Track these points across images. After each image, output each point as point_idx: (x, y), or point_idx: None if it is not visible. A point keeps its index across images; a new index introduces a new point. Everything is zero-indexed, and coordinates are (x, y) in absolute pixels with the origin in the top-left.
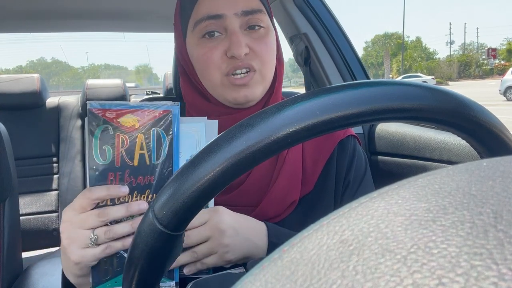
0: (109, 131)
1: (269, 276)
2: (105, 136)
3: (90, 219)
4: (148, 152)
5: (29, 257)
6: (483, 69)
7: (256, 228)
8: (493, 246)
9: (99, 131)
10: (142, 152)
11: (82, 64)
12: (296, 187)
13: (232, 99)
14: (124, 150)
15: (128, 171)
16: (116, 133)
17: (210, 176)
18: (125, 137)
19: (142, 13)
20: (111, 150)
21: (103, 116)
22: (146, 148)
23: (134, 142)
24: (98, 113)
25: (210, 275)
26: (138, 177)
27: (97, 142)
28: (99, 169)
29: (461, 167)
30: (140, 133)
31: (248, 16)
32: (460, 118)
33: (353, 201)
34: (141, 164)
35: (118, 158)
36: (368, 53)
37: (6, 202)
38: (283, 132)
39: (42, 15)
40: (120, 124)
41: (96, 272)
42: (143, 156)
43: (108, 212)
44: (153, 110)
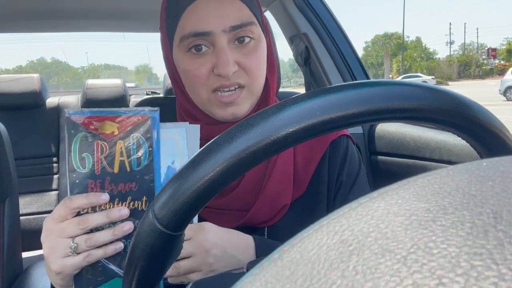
0: (88, 139)
1: (269, 276)
2: (84, 144)
3: (70, 228)
4: (128, 159)
5: (29, 257)
6: (483, 69)
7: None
8: (493, 246)
9: (78, 139)
10: (122, 159)
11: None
12: (287, 191)
13: (219, 116)
14: (103, 157)
15: (109, 179)
16: (95, 141)
17: (210, 176)
18: (105, 144)
19: (142, 13)
20: (91, 157)
21: (81, 123)
22: (126, 155)
23: (113, 149)
24: (76, 120)
25: (210, 275)
26: (119, 184)
27: (76, 150)
28: (79, 177)
29: (461, 167)
30: (120, 140)
31: (237, 30)
32: (460, 118)
33: (353, 201)
34: (122, 171)
35: (98, 165)
36: (368, 53)
37: (6, 202)
38: (283, 132)
39: (42, 15)
40: (99, 131)
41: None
42: (123, 163)
43: (87, 219)
44: (132, 116)
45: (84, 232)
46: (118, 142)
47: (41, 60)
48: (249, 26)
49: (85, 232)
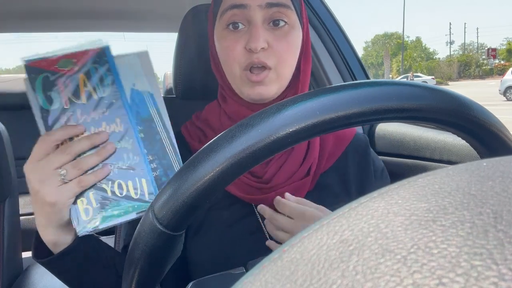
0: (49, 78)
1: (269, 276)
2: (47, 83)
3: (56, 158)
4: (92, 88)
5: (29, 257)
6: (483, 69)
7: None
8: (493, 246)
9: (40, 80)
10: (87, 89)
11: None
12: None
13: (247, 96)
14: (69, 91)
15: (80, 110)
16: (57, 78)
17: (210, 176)
18: (67, 80)
19: (142, 13)
20: (57, 94)
21: (39, 66)
22: (90, 85)
23: (77, 82)
24: (34, 65)
25: (210, 275)
26: (90, 113)
27: (40, 90)
28: (51, 116)
29: (461, 167)
30: (81, 73)
31: (273, 9)
32: (460, 118)
33: (353, 201)
34: (90, 100)
35: (66, 100)
36: (368, 53)
37: (6, 202)
38: (283, 132)
39: (42, 15)
40: (58, 69)
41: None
42: (89, 93)
43: (71, 145)
44: (86, 50)
45: (70, 159)
46: (80, 76)
47: None
48: (284, 9)
49: (71, 159)
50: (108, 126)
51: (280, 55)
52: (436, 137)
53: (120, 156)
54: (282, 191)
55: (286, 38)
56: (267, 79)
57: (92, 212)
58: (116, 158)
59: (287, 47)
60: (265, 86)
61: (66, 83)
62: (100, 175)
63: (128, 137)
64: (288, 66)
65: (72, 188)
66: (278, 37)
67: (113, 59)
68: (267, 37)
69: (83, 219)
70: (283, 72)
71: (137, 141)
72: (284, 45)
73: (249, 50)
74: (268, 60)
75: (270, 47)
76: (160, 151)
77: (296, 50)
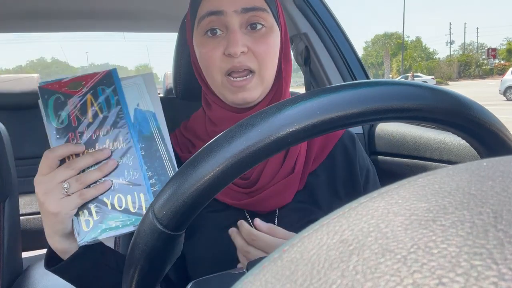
0: (60, 99)
1: (269, 276)
2: (58, 104)
3: (60, 172)
4: (98, 107)
5: (29, 257)
6: (483, 69)
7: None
8: (493, 246)
9: (52, 101)
10: (93, 108)
11: (82, 64)
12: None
13: (231, 101)
14: (77, 110)
15: (86, 127)
16: (68, 99)
17: (210, 176)
18: (76, 100)
19: (142, 13)
20: (66, 114)
21: (52, 88)
22: (97, 105)
23: (85, 102)
24: (47, 87)
25: (210, 275)
26: (95, 130)
27: (51, 110)
28: (59, 132)
29: (461, 167)
30: (89, 94)
31: (249, 13)
32: (460, 118)
33: (353, 201)
34: (95, 119)
35: (74, 118)
36: (368, 53)
37: (6, 202)
38: (283, 132)
39: (42, 15)
40: (68, 91)
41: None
42: (95, 112)
43: (75, 161)
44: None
45: (74, 173)
46: (88, 96)
47: (41, 60)
48: (260, 12)
49: (75, 174)
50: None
51: (261, 57)
52: (436, 137)
53: (121, 172)
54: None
55: (265, 41)
56: (250, 85)
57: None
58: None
59: (267, 49)
60: (248, 91)
61: (75, 103)
62: (101, 189)
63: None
64: (270, 68)
65: (74, 200)
66: (257, 40)
67: (119, 81)
68: (246, 41)
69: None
70: (266, 75)
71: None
72: (264, 47)
73: (228, 55)
74: (250, 63)
75: (250, 51)
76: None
77: (276, 52)
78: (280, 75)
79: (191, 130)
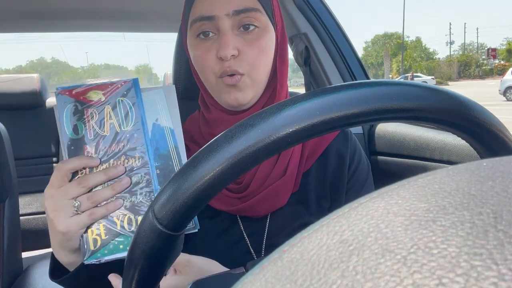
0: (77, 108)
1: (269, 276)
2: (75, 112)
3: (72, 189)
4: (116, 120)
5: (29, 257)
6: (483, 69)
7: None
8: (493, 246)
9: (69, 109)
10: (111, 122)
11: (82, 64)
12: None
13: (225, 101)
14: (94, 122)
15: (102, 141)
16: (85, 108)
17: (210, 176)
18: (94, 111)
19: (142, 13)
20: (83, 124)
21: (70, 95)
22: (115, 117)
23: (102, 114)
24: (65, 94)
25: (210, 275)
26: (112, 145)
27: (68, 119)
28: (75, 144)
29: (461, 167)
30: (107, 105)
31: (241, 15)
32: (460, 118)
33: (353, 201)
34: (113, 133)
35: (90, 130)
36: (368, 53)
37: (6, 202)
38: (283, 132)
39: (42, 15)
40: (87, 99)
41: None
42: (113, 125)
43: (87, 178)
44: (115, 83)
45: (85, 191)
46: (106, 107)
47: (41, 60)
48: (253, 13)
49: (86, 191)
50: (126, 159)
51: (252, 60)
52: (436, 137)
53: (134, 191)
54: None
55: (257, 42)
56: (241, 83)
57: (100, 243)
58: (130, 192)
59: (258, 52)
60: (240, 91)
61: (93, 114)
62: (112, 208)
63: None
64: (261, 70)
65: (83, 220)
66: (249, 42)
67: (140, 92)
68: (237, 43)
69: (91, 248)
70: (257, 77)
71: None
72: (255, 50)
73: (220, 58)
74: (239, 68)
75: (241, 53)
76: None
77: (269, 53)
78: (275, 75)
79: (187, 133)
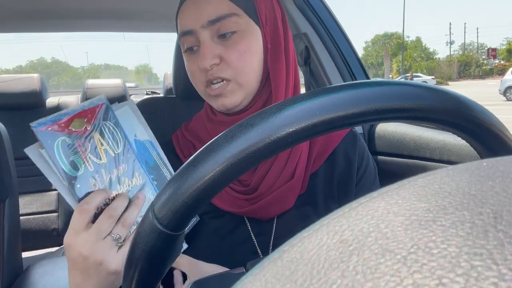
0: (66, 142)
1: (269, 276)
2: (65, 147)
3: (104, 225)
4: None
5: (29, 257)
6: (483, 69)
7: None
8: (493, 246)
9: (59, 146)
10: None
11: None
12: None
13: (216, 107)
14: (89, 153)
15: (103, 170)
16: (75, 141)
17: (210, 176)
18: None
19: (142, 13)
20: (80, 159)
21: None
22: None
23: (94, 142)
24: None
25: (210, 275)
26: (113, 171)
27: (61, 157)
28: (79, 181)
29: (461, 167)
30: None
31: (216, 24)
32: (460, 118)
33: (353, 201)
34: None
35: (89, 163)
36: (368, 53)
37: (6, 202)
38: (283, 132)
39: (42, 15)
40: (73, 131)
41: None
42: (107, 151)
43: (115, 207)
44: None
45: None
46: (95, 135)
47: (41, 60)
48: (228, 18)
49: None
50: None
51: (235, 65)
52: (436, 137)
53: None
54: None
55: (238, 46)
56: (226, 91)
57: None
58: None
59: (240, 55)
60: (226, 97)
61: (85, 144)
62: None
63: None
64: (247, 73)
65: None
66: (229, 48)
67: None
68: (219, 51)
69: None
70: (243, 81)
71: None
72: (237, 54)
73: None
74: (223, 73)
75: (223, 60)
76: None
77: (253, 54)
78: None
79: (193, 131)
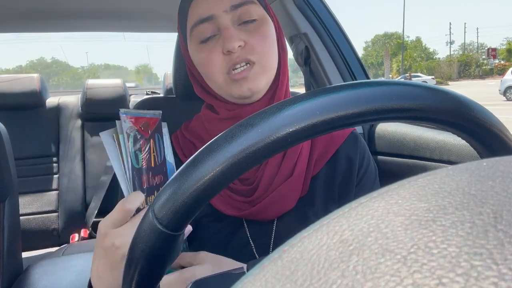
0: (137, 137)
1: (269, 276)
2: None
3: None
4: (155, 154)
5: (29, 257)
6: (483, 69)
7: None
8: (493, 246)
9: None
10: (154, 155)
11: (82, 64)
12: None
13: (237, 94)
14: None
15: (151, 173)
16: (142, 139)
17: (210, 176)
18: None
19: (142, 13)
20: (139, 154)
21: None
22: (156, 150)
23: (149, 146)
24: (130, 120)
25: (210, 275)
26: (155, 177)
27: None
28: (137, 174)
29: (461, 167)
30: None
31: (238, 10)
32: (460, 118)
33: (353, 201)
34: (155, 165)
35: (145, 161)
36: (368, 53)
37: (6, 202)
38: (283, 132)
39: (42, 15)
40: (142, 130)
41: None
42: (155, 158)
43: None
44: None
45: None
46: (151, 140)
47: (41, 60)
48: (249, 4)
49: None
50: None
51: (260, 48)
52: (436, 137)
53: None
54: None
55: (260, 32)
56: (251, 73)
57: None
58: None
59: (264, 40)
60: (252, 81)
61: (146, 145)
62: None
63: None
64: (270, 57)
65: None
66: (252, 33)
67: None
68: (241, 35)
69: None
70: (268, 64)
71: None
72: (261, 38)
73: (227, 52)
74: (250, 56)
75: (247, 44)
76: None
77: (273, 41)
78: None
79: (193, 131)
